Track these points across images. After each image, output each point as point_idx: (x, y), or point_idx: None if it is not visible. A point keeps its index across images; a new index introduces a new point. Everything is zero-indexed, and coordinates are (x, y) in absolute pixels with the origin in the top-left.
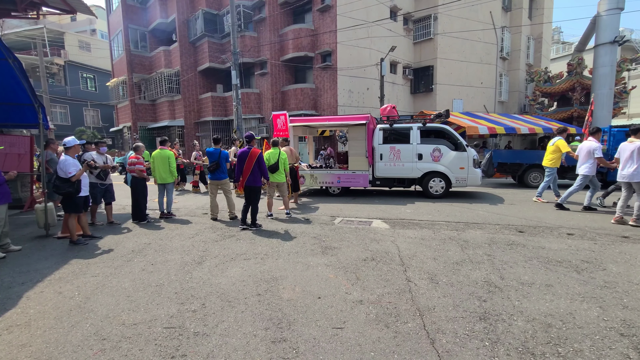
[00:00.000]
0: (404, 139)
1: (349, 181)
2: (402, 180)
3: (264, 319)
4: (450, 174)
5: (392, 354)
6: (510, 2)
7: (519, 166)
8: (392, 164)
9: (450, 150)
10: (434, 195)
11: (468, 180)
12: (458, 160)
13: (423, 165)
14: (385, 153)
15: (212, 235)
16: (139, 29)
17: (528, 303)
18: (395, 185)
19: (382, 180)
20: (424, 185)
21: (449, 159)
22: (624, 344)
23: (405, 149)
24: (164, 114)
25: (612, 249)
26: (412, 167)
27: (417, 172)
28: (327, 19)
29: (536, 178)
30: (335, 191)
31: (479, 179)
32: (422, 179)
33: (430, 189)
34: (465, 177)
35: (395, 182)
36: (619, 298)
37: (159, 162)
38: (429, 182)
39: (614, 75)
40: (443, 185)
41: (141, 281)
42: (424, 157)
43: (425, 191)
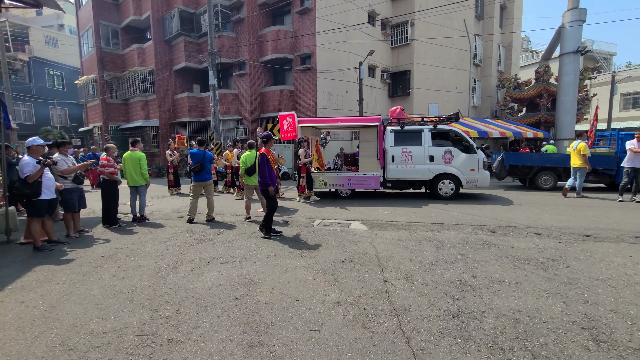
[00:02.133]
0: (415, 141)
1: (360, 183)
2: (413, 182)
3: (241, 323)
4: (461, 176)
5: (368, 354)
6: (483, 11)
7: (530, 169)
8: (404, 166)
9: (461, 152)
10: (443, 197)
11: (478, 182)
12: (469, 162)
13: (435, 167)
14: (397, 155)
15: (187, 239)
16: (110, 25)
17: (498, 300)
18: (406, 187)
19: (394, 182)
20: (433, 187)
21: (460, 160)
22: (585, 336)
23: (417, 151)
24: (138, 114)
25: (575, 247)
26: (423, 169)
27: (428, 173)
28: (307, 21)
29: (547, 180)
30: (345, 194)
31: (488, 181)
32: (432, 181)
33: (439, 191)
34: (476, 178)
35: (406, 184)
36: (581, 293)
37: (130, 164)
38: (439, 184)
39: (577, 83)
40: (453, 187)
41: (112, 288)
42: (436, 159)
43: (435, 193)
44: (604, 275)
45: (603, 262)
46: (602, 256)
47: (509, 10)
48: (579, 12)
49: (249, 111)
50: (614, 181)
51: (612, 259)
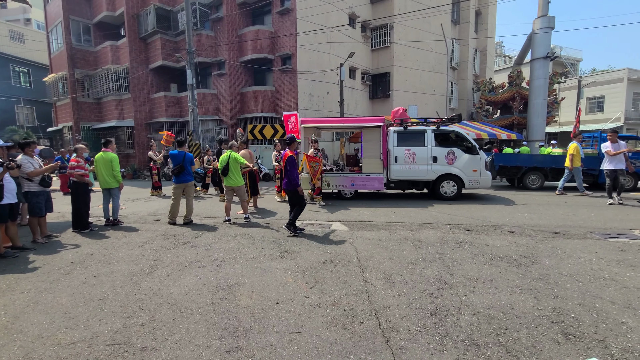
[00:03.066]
0: (418, 142)
1: (364, 184)
2: (417, 183)
3: (219, 328)
4: (464, 177)
5: (348, 355)
6: (459, 16)
7: (518, 169)
8: (408, 167)
9: (464, 153)
10: (445, 197)
11: (480, 183)
12: (471, 163)
13: (438, 167)
14: (400, 155)
15: (164, 242)
16: (82, 21)
17: (474, 297)
18: (408, 188)
19: (397, 183)
20: (436, 187)
21: (462, 161)
22: (554, 330)
23: (421, 152)
24: (111, 114)
25: (545, 244)
26: (427, 169)
27: (432, 174)
28: (287, 22)
29: (534, 180)
30: (348, 194)
31: (490, 181)
32: (435, 181)
33: (442, 192)
34: (478, 179)
35: (409, 184)
36: (551, 289)
37: (102, 166)
38: (440, 185)
39: (547, 87)
40: (455, 187)
41: (81, 295)
42: (439, 159)
43: (437, 193)
44: (572, 270)
45: (571, 258)
46: (570, 252)
47: (483, 16)
48: (548, 19)
49: (228, 112)
50: (597, 181)
51: (580, 255)
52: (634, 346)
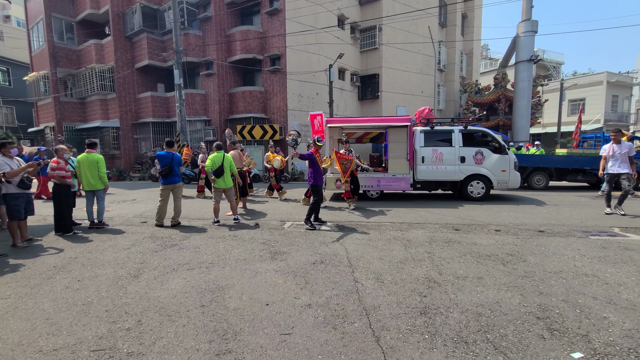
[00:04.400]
0: (445, 142)
1: (390, 184)
2: (444, 184)
3: (208, 331)
4: (493, 177)
5: (339, 355)
6: (446, 19)
7: (523, 169)
8: (435, 167)
9: (493, 153)
10: (473, 198)
11: (509, 183)
12: (500, 163)
13: (466, 167)
14: (427, 156)
15: (151, 245)
16: (64, 18)
17: (462, 295)
18: (435, 188)
19: (423, 184)
20: (464, 188)
21: (491, 161)
22: (540, 325)
23: (448, 152)
24: (96, 114)
25: (530, 242)
26: (454, 169)
27: (459, 174)
28: (276, 22)
29: (540, 180)
30: (374, 195)
31: (519, 182)
32: (462, 182)
33: (470, 192)
34: (507, 179)
35: (436, 185)
36: (536, 285)
37: (86, 167)
38: (469, 185)
39: (530, 89)
40: (483, 187)
41: (64, 300)
42: (467, 159)
43: (464, 194)
44: (556, 267)
45: (555, 256)
46: (554, 250)
47: (469, 19)
48: (531, 23)
49: (217, 112)
50: (600, 180)
51: (563, 252)
52: (615, 340)
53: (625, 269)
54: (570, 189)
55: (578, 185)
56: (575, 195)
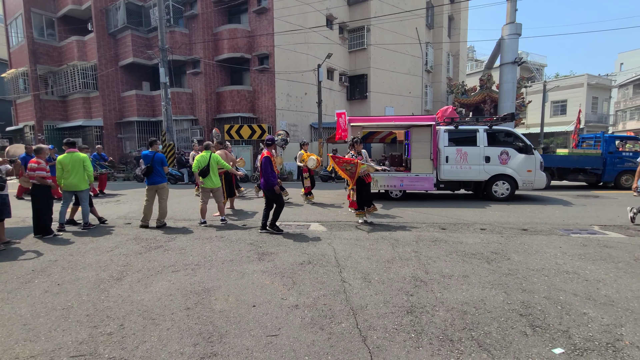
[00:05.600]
0: (470, 141)
1: (413, 184)
2: (467, 184)
3: (193, 334)
4: (518, 177)
5: (325, 356)
6: (433, 20)
7: None
8: (459, 167)
9: (518, 153)
10: (498, 198)
11: (535, 183)
12: (526, 163)
13: (491, 167)
14: (451, 155)
15: (135, 247)
16: (44, 14)
17: (448, 294)
18: (458, 188)
19: (447, 184)
20: (488, 188)
21: (517, 161)
22: (523, 322)
23: (473, 152)
24: (78, 112)
25: (514, 240)
26: (479, 169)
27: (484, 174)
28: (264, 21)
29: None
30: (396, 195)
31: (544, 182)
32: (487, 182)
33: (494, 193)
34: (532, 179)
35: (460, 185)
36: (519, 283)
37: (70, 167)
38: (493, 185)
39: (515, 91)
40: (508, 188)
41: (43, 305)
42: (492, 159)
43: (489, 194)
44: (538, 265)
45: (538, 254)
46: (537, 248)
47: (456, 21)
48: (515, 26)
49: (204, 111)
50: (600, 179)
51: (545, 250)
52: (594, 335)
53: (604, 266)
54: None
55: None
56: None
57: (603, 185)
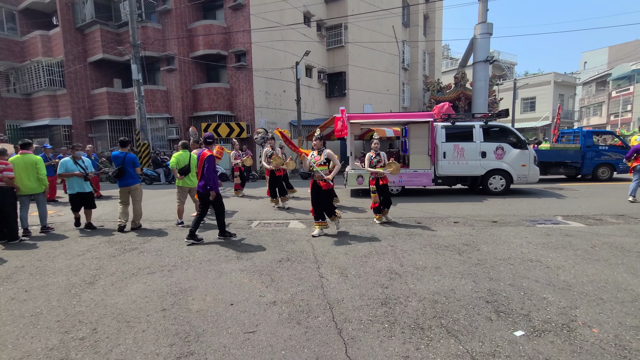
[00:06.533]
0: (467, 137)
1: (411, 180)
2: (464, 178)
3: (169, 334)
4: (513, 172)
5: (302, 349)
6: (409, 19)
7: None
8: (456, 162)
9: (513, 148)
10: (493, 192)
11: (529, 177)
12: (520, 158)
13: (487, 162)
14: (448, 151)
15: (108, 250)
16: (4, 6)
17: (421, 285)
18: (455, 183)
19: (444, 179)
20: (484, 182)
21: (511, 156)
22: (488, 309)
23: (469, 147)
24: (44, 111)
25: (484, 232)
26: (475, 165)
27: (480, 169)
28: (240, 17)
29: None
30: (395, 191)
31: (538, 176)
32: (483, 176)
33: (490, 187)
34: (527, 174)
35: (457, 180)
36: (487, 272)
37: (22, 170)
38: (489, 180)
39: (487, 88)
40: (504, 182)
41: (9, 313)
42: (488, 155)
43: (486, 189)
44: (505, 255)
45: (505, 244)
46: (505, 239)
47: (431, 20)
48: (487, 26)
49: (180, 109)
50: (579, 172)
51: (512, 240)
52: (552, 317)
53: (564, 253)
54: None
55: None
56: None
57: (582, 178)
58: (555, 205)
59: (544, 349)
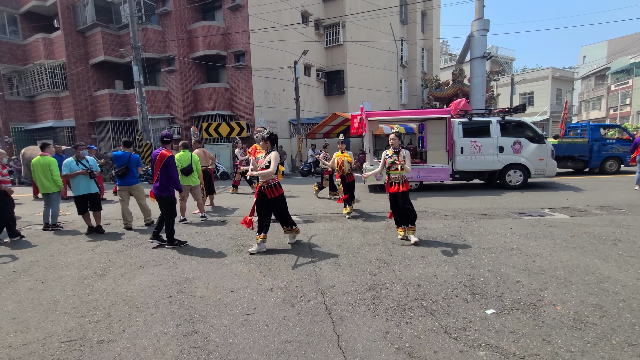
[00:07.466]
0: (484, 132)
1: (429, 175)
2: (482, 173)
3: (176, 317)
4: (530, 166)
5: (294, 328)
6: (407, 16)
7: None
8: (474, 157)
9: (530, 142)
10: (511, 186)
11: (546, 171)
12: (538, 152)
13: (504, 157)
14: (466, 146)
15: (116, 245)
16: (5, 10)
17: (407, 272)
18: (472, 178)
19: (462, 174)
20: (502, 177)
21: (529, 150)
22: (466, 291)
23: (487, 142)
24: (47, 113)
25: (473, 224)
26: (493, 159)
27: (498, 164)
28: (239, 18)
29: None
30: (413, 186)
31: (556, 170)
32: (500, 171)
33: (508, 181)
34: (544, 167)
35: (474, 175)
36: (469, 260)
37: (40, 170)
38: (507, 174)
39: (484, 84)
40: (521, 176)
41: (29, 301)
42: (505, 149)
43: (503, 183)
44: (489, 244)
45: (490, 235)
46: (491, 230)
47: (429, 17)
48: (483, 22)
49: (181, 109)
50: (586, 166)
51: (498, 231)
52: (522, 298)
53: (544, 242)
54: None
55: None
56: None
57: (589, 171)
58: (544, 197)
59: (510, 323)
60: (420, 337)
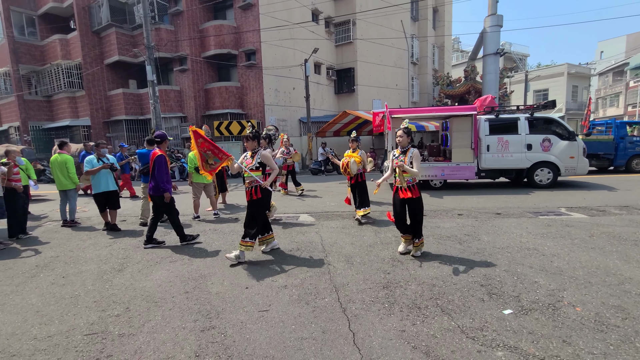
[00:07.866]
0: (511, 130)
1: (454, 173)
2: (509, 172)
3: (193, 312)
4: (560, 164)
5: (310, 325)
6: (418, 13)
7: None
8: (500, 155)
9: (560, 140)
10: (540, 185)
11: (577, 169)
12: (569, 150)
13: (533, 155)
14: (492, 144)
15: (132, 241)
16: (24, 12)
17: (421, 271)
18: (498, 176)
19: (488, 172)
20: (530, 175)
21: (559, 148)
22: (482, 291)
23: (514, 140)
24: (64, 112)
25: (487, 223)
26: (521, 157)
27: (526, 162)
28: (250, 17)
29: None
30: (437, 184)
31: (587, 168)
32: (529, 169)
33: (536, 180)
34: (575, 166)
35: (501, 173)
36: (485, 259)
37: (57, 168)
38: (535, 173)
39: (497, 81)
40: (551, 175)
41: (52, 295)
42: (534, 147)
43: (531, 181)
44: (504, 244)
45: (506, 234)
46: (506, 229)
47: (440, 13)
48: (497, 18)
49: (193, 108)
50: (611, 164)
51: (513, 231)
52: (540, 298)
53: (562, 242)
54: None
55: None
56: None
57: (615, 170)
58: (561, 197)
59: (529, 324)
60: (436, 336)
